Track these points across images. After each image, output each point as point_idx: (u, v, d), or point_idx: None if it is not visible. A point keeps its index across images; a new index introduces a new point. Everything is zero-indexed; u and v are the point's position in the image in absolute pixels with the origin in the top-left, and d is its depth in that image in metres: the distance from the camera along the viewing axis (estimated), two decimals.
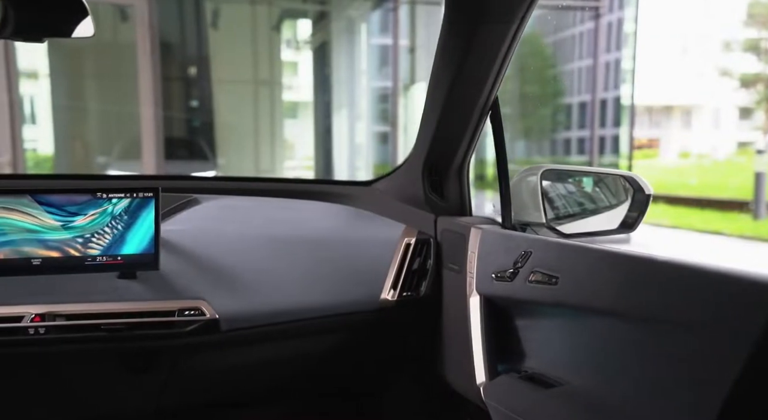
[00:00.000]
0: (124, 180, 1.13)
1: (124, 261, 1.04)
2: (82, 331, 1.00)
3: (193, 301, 1.04)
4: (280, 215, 1.31)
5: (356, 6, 6.81)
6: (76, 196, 1.04)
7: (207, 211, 1.28)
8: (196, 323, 1.02)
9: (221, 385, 1.16)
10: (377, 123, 7.70)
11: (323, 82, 7.56)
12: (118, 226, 1.04)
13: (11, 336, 0.97)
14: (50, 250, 1.02)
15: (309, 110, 8.14)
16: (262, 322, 1.07)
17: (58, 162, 6.18)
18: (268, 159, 7.33)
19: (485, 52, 0.97)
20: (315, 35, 7.46)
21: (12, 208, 1.01)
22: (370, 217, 1.33)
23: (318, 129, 7.67)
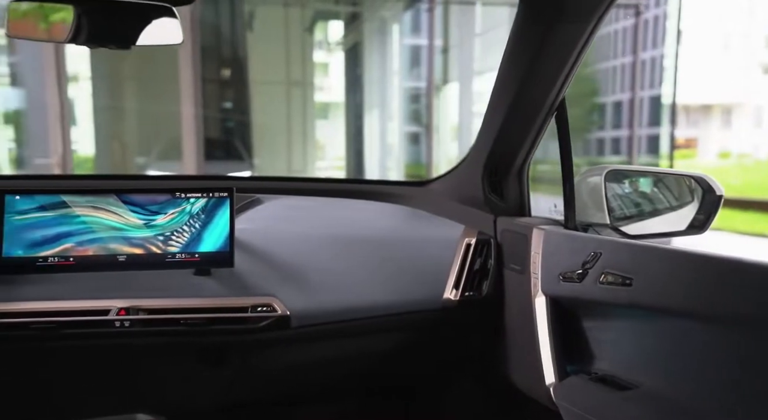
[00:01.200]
0: (200, 180, 1.17)
1: (201, 258, 1.09)
2: (162, 325, 1.04)
3: (265, 298, 1.08)
4: (339, 215, 1.35)
5: (389, 7, 6.84)
6: (157, 196, 1.09)
7: (270, 211, 1.32)
8: (268, 319, 1.06)
9: (287, 380, 1.20)
10: (408, 123, 7.73)
11: (354, 83, 7.63)
12: (195, 225, 1.09)
13: (98, 328, 1.03)
14: (134, 247, 1.07)
15: (340, 111, 8.22)
16: (330, 319, 1.10)
17: (99, 163, 6.38)
18: (300, 159, 7.43)
19: (558, 52, 0.98)
20: (347, 36, 7.53)
21: (100, 207, 1.07)
22: (426, 217, 1.36)
23: (349, 129, 7.75)
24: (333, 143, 8.51)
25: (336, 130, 8.29)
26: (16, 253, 1.03)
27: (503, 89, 1.06)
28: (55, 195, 1.06)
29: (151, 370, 1.12)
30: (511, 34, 1.00)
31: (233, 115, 7.19)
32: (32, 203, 1.05)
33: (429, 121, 6.28)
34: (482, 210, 1.23)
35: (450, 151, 7.04)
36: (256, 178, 2.59)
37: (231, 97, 7.38)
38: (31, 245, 1.04)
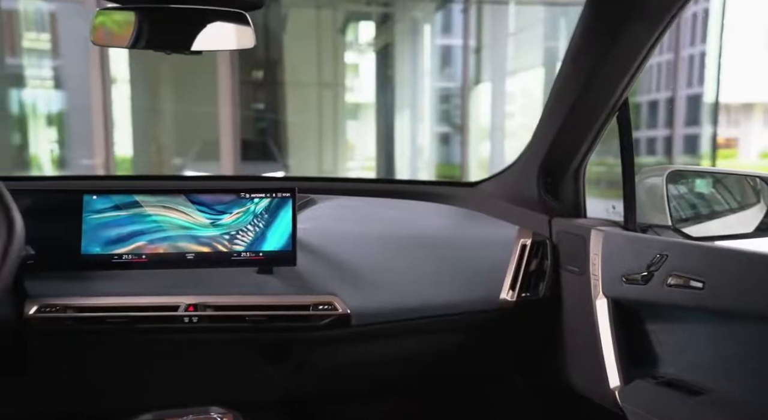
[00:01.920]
0: (263, 181, 1.21)
1: (265, 256, 1.12)
2: (228, 321, 1.08)
3: (326, 297, 1.11)
4: (392, 215, 1.37)
5: (421, 7, 6.86)
6: (223, 196, 1.13)
7: (325, 211, 1.35)
8: (329, 317, 1.09)
9: (344, 377, 1.22)
10: (438, 124, 7.72)
11: (385, 84, 7.66)
12: (259, 224, 1.13)
13: (168, 323, 1.07)
14: (202, 246, 1.11)
15: (370, 111, 8.26)
16: (388, 318, 1.12)
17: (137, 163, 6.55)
18: (331, 159, 7.49)
19: (627, 51, 0.97)
20: (378, 37, 7.57)
21: (170, 207, 1.11)
22: (478, 218, 1.37)
23: (380, 130, 7.78)
24: (363, 144, 8.55)
25: (366, 131, 8.33)
26: (93, 250, 1.08)
27: (565, 89, 1.06)
28: (129, 195, 1.11)
29: (216, 365, 1.16)
30: (576, 33, 1.00)
31: (266, 116, 7.29)
32: (108, 203, 1.10)
33: (464, 121, 6.27)
34: (536, 211, 1.24)
35: (481, 151, 7.01)
36: (313, 178, 2.63)
37: (263, 99, 7.49)
38: (107, 243, 1.09)
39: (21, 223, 0.88)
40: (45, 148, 6.61)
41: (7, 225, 0.87)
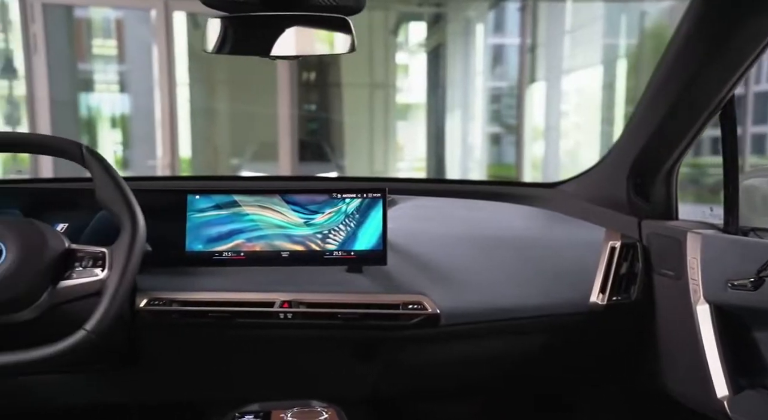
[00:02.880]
0: (354, 181, 1.25)
1: (357, 256, 1.15)
2: (320, 318, 1.12)
3: (416, 296, 1.12)
4: (474, 215, 1.38)
5: (474, 7, 6.81)
6: (316, 196, 1.17)
7: (407, 211, 1.37)
8: (419, 317, 1.11)
9: (430, 377, 1.24)
10: (489, 124, 7.64)
11: (436, 84, 7.65)
12: (350, 224, 1.16)
13: (264, 319, 1.11)
14: (296, 244, 1.15)
15: (419, 111, 8.26)
16: (478, 318, 1.13)
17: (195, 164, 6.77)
18: (381, 160, 7.54)
19: (739, 47, 0.93)
20: (430, 38, 7.56)
21: (266, 206, 1.16)
22: (560, 219, 1.37)
23: (430, 130, 7.77)
24: (412, 144, 8.56)
25: (415, 131, 8.34)
26: (196, 247, 1.14)
27: (665, 87, 1.03)
28: (229, 195, 1.16)
29: (307, 361, 1.20)
30: (682, 30, 0.96)
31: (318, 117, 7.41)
32: (209, 202, 1.16)
33: (520, 121, 6.19)
34: (624, 213, 1.22)
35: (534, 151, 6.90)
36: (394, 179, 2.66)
37: (315, 100, 7.61)
38: (208, 241, 1.15)
39: (143, 222, 0.94)
40: (111, 148, 6.92)
41: (132, 223, 0.93)
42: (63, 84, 5.19)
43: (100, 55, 6.69)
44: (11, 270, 0.85)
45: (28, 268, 0.85)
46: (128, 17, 6.41)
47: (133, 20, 6.39)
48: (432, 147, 7.88)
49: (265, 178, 1.26)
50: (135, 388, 1.18)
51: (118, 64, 6.91)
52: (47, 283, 0.88)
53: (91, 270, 0.90)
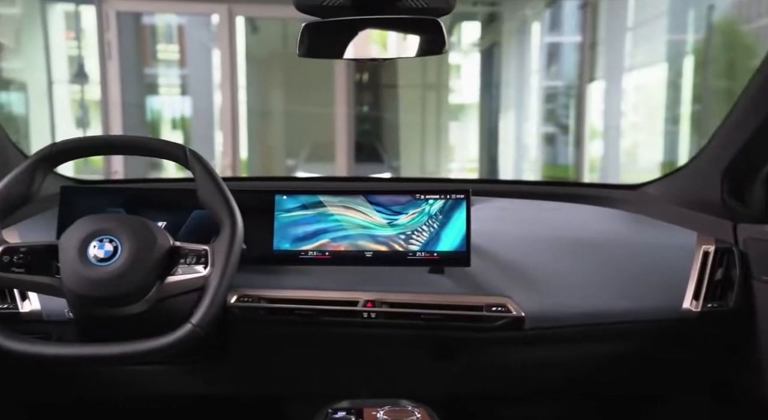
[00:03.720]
0: (436, 182, 1.25)
1: (440, 257, 1.15)
2: (403, 318, 1.12)
3: (499, 298, 1.12)
4: (554, 217, 1.36)
5: (532, 5, 6.69)
6: (399, 197, 1.18)
7: (486, 212, 1.36)
8: (503, 319, 1.10)
9: (509, 379, 1.23)
10: (544, 124, 7.50)
11: (489, 84, 7.57)
12: (433, 225, 1.16)
13: (348, 318, 1.13)
14: (379, 245, 1.17)
15: (471, 112, 8.20)
16: (563, 323, 1.11)
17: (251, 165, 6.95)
18: (433, 161, 7.52)
19: None
20: (484, 37, 7.49)
21: (350, 207, 1.18)
22: (644, 222, 1.33)
23: (483, 130, 7.70)
24: (464, 144, 8.51)
25: (468, 132, 8.28)
26: (284, 246, 1.17)
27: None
28: (314, 195, 1.18)
29: (387, 359, 1.21)
30: None
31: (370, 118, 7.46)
32: (296, 203, 1.18)
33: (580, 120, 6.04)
34: (717, 216, 1.17)
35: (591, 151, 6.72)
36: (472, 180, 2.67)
37: (368, 101, 7.67)
38: (295, 240, 1.17)
39: (241, 221, 0.98)
40: None
41: (231, 223, 0.97)
42: (132, 88, 5.43)
43: (163, 60, 6.98)
44: (126, 265, 0.89)
45: (141, 263, 0.90)
46: (189, 23, 6.66)
47: (193, 26, 6.63)
48: (484, 147, 7.81)
49: (349, 179, 1.29)
50: (224, 380, 1.22)
51: (179, 68, 7.20)
52: (156, 278, 0.92)
53: (194, 267, 0.94)
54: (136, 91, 5.74)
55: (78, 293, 0.89)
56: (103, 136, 1.02)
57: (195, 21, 6.51)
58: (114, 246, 0.91)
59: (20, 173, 0.93)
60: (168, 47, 7.31)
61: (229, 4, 4.75)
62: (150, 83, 6.62)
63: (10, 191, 0.92)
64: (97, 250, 0.90)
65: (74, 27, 6.69)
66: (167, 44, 7.32)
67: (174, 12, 6.04)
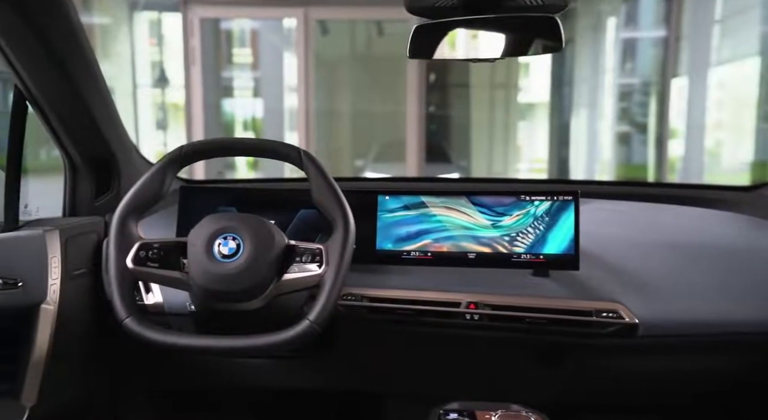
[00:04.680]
0: (541, 183, 1.23)
1: (546, 259, 1.13)
2: (507, 321, 1.11)
3: (610, 303, 1.08)
4: (666, 220, 1.29)
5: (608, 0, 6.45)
6: (503, 198, 1.16)
7: (591, 214, 1.31)
8: (614, 326, 1.06)
9: (617, 389, 1.19)
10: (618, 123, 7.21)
11: (561, 82, 7.35)
12: (539, 227, 1.14)
13: (450, 319, 1.13)
14: (482, 246, 1.16)
15: (542, 111, 7.99)
16: (681, 331, 1.06)
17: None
18: (501, 161, 7.39)
19: None
20: None
21: (452, 208, 1.17)
22: (761, 225, 1.24)
23: (552, 130, 7.49)
24: (531, 145, 8.31)
25: (536, 132, 8.08)
26: (386, 246, 1.18)
27: None
28: (416, 196, 1.19)
29: (489, 362, 1.19)
30: None
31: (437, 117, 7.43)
32: (398, 203, 1.19)
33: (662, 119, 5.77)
34: None
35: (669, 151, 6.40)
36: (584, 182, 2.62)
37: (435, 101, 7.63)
38: (397, 240, 1.18)
39: (353, 222, 0.99)
40: None
41: (345, 223, 0.98)
42: (210, 91, 5.67)
43: (237, 64, 7.24)
44: (248, 262, 0.93)
45: (261, 261, 0.93)
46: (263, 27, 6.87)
47: (266, 30, 6.84)
48: (554, 147, 7.59)
49: (451, 180, 1.29)
50: (326, 376, 1.25)
51: (251, 71, 7.44)
52: (273, 275, 0.95)
53: (309, 265, 0.96)
54: (213, 94, 5.98)
55: (204, 287, 0.93)
56: (225, 139, 1.07)
57: (268, 25, 6.71)
58: (237, 243, 0.94)
59: (153, 174, 0.99)
60: (241, 51, 7.58)
61: (305, 8, 4.86)
62: (225, 86, 6.87)
63: (145, 191, 0.98)
64: (222, 247, 0.94)
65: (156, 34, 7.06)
66: (241, 48, 7.59)
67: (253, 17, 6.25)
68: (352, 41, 6.92)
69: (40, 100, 1.04)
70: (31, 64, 0.99)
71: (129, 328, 0.91)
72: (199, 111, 4.86)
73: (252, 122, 7.51)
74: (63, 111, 1.08)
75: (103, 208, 1.23)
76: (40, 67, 0.99)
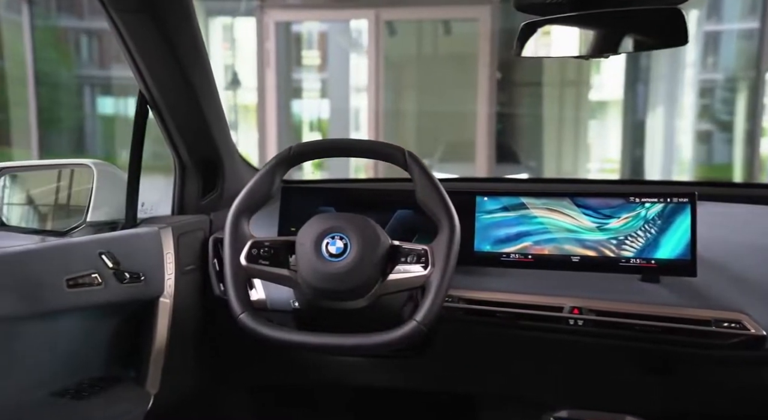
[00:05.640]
0: (652, 185, 1.17)
1: (658, 264, 1.07)
2: (615, 328, 1.06)
3: (733, 313, 1.01)
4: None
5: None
6: (610, 200, 1.11)
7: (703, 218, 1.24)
8: (737, 337, 0.99)
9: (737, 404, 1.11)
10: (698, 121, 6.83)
11: (636, 78, 7.04)
12: (651, 230, 1.08)
13: (552, 323, 1.09)
14: (587, 249, 1.11)
15: (615, 109, 7.68)
16: None
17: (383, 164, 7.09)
18: (570, 161, 7.17)
19: None
20: None
21: (554, 209, 1.14)
22: None
23: (626, 129, 7.19)
24: (601, 144, 8.01)
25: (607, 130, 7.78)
26: (484, 247, 1.16)
27: None
28: (516, 197, 1.16)
29: (594, 369, 1.15)
30: None
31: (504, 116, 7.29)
32: (497, 204, 1.17)
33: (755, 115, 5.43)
34: None
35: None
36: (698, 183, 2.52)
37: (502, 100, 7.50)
38: (496, 242, 1.16)
39: (458, 223, 0.98)
40: None
41: (450, 224, 0.97)
42: (282, 92, 5.82)
43: (305, 65, 7.40)
44: (356, 261, 0.94)
45: (368, 260, 0.94)
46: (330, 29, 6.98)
47: (334, 32, 6.94)
48: (627, 146, 7.28)
49: (553, 181, 1.26)
50: (421, 376, 1.25)
51: (318, 73, 7.58)
52: (379, 275, 0.96)
53: (413, 266, 0.95)
54: (284, 95, 6.13)
55: (313, 285, 0.95)
56: (332, 140, 1.08)
57: (335, 27, 6.81)
58: (344, 243, 0.95)
59: (264, 175, 1.01)
60: (309, 53, 7.74)
61: (376, 9, 4.90)
62: (295, 87, 7.04)
63: (256, 191, 1.01)
64: (330, 247, 0.95)
65: (229, 38, 7.32)
66: (308, 50, 7.75)
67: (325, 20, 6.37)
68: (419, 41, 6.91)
69: (160, 104, 1.10)
70: (156, 70, 1.04)
71: (244, 323, 0.94)
72: (272, 112, 5.00)
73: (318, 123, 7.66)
74: (180, 114, 1.13)
75: (207, 207, 1.28)
76: (165, 72, 1.04)
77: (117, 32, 0.98)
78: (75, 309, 0.90)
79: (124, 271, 0.97)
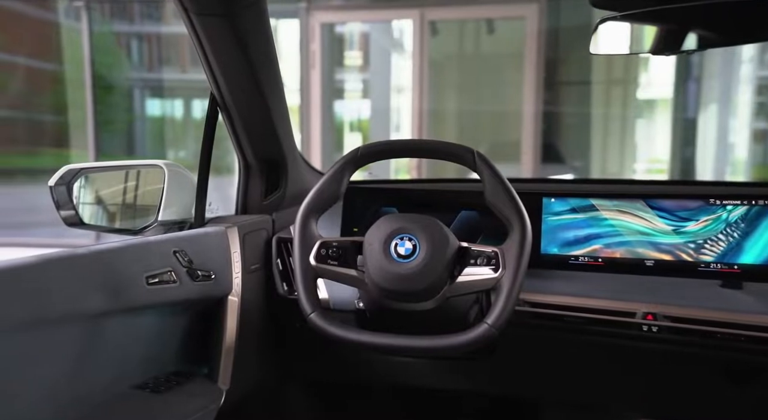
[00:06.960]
0: (731, 186, 1.12)
1: (741, 270, 1.02)
2: (694, 336, 1.01)
3: None
4: None
5: None
6: (688, 202, 1.07)
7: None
8: None
9: None
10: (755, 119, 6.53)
11: (687, 76, 6.80)
12: (733, 234, 1.03)
13: (623, 329, 1.05)
14: (662, 253, 1.07)
15: (664, 108, 7.43)
16: None
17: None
18: (617, 161, 6.97)
19: None
20: None
21: (626, 211, 1.10)
22: None
23: (675, 128, 6.94)
24: (648, 143, 7.76)
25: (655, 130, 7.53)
26: (552, 250, 1.13)
27: None
28: (585, 198, 1.12)
29: (669, 378, 1.11)
30: None
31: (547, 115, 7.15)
32: (565, 205, 1.14)
33: None
34: None
35: None
36: None
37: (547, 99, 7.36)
38: (564, 244, 1.13)
39: (530, 225, 0.95)
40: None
41: (521, 225, 0.95)
42: (325, 93, 5.86)
43: (348, 66, 7.43)
44: (425, 263, 0.92)
45: (437, 262, 0.92)
46: (372, 30, 6.99)
47: (376, 32, 6.95)
48: (677, 146, 7.03)
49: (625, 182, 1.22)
50: (484, 378, 1.22)
51: (360, 73, 7.60)
52: (447, 276, 0.94)
53: (483, 268, 0.93)
54: (327, 96, 6.18)
55: (381, 286, 0.94)
56: (400, 141, 1.07)
57: (378, 28, 6.82)
58: (413, 244, 0.94)
59: (332, 175, 1.01)
60: (351, 53, 7.77)
61: (420, 9, 4.88)
62: (337, 88, 7.08)
63: (325, 191, 1.01)
64: (399, 248, 0.94)
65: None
66: (350, 51, 7.79)
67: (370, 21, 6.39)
68: (460, 41, 6.85)
69: (230, 106, 1.11)
70: (229, 72, 1.05)
71: (314, 322, 0.94)
72: (316, 113, 5.05)
73: (358, 123, 7.69)
74: (248, 115, 1.14)
75: (269, 207, 1.29)
76: (237, 74, 1.06)
77: (195, 35, 1.00)
78: (153, 306, 0.91)
79: (196, 269, 0.99)
